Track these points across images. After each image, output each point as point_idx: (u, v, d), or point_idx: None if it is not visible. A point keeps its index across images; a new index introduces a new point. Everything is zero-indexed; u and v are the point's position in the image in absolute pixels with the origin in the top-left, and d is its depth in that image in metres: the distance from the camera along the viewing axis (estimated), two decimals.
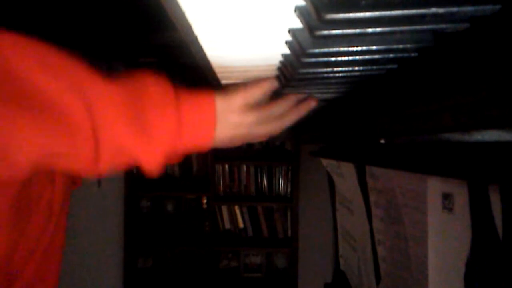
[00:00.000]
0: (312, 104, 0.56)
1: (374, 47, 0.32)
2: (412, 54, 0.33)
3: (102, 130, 0.44)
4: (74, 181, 0.72)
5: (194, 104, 0.49)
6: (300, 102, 0.56)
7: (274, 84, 0.51)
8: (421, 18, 0.26)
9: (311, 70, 0.38)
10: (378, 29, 0.28)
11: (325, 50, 0.32)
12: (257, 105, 0.53)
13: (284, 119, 0.55)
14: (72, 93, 0.42)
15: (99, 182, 2.63)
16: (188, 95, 0.49)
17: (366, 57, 0.34)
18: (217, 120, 0.50)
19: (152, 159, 0.47)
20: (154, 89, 0.47)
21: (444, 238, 0.57)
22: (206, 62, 0.45)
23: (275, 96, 0.55)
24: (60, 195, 0.61)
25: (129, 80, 0.47)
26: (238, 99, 0.51)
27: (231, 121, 0.52)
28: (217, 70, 0.50)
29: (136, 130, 0.45)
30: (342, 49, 0.32)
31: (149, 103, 0.47)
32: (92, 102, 0.43)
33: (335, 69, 0.37)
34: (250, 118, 0.52)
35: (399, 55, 0.33)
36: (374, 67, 0.37)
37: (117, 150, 0.45)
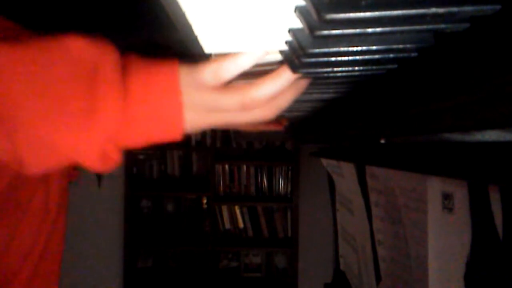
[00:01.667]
0: (304, 81, 0.43)
1: (374, 47, 0.32)
2: (412, 54, 0.33)
3: (8, 116, 0.34)
4: (69, 173, 0.67)
5: (148, 77, 0.37)
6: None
7: (255, 59, 0.38)
8: (421, 18, 0.26)
9: (311, 70, 0.38)
10: (378, 29, 0.28)
11: (325, 50, 0.32)
12: (237, 86, 0.40)
13: (276, 103, 0.42)
14: None
15: (99, 182, 2.63)
16: (140, 65, 0.38)
17: (366, 57, 0.34)
18: (184, 99, 0.38)
19: (85, 152, 0.36)
20: (83, 55, 0.35)
21: (444, 238, 0.57)
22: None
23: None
24: (56, 193, 0.59)
25: (44, 44, 0.35)
26: (207, 75, 0.38)
27: (201, 102, 0.39)
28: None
29: (53, 111, 0.34)
30: (342, 49, 0.32)
31: (74, 75, 0.35)
32: None
33: (335, 69, 0.37)
34: (226, 101, 0.39)
35: (399, 55, 0.33)
36: (374, 67, 0.37)
37: (36, 142, 0.35)
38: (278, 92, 0.40)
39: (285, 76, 0.39)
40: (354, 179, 0.97)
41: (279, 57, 0.39)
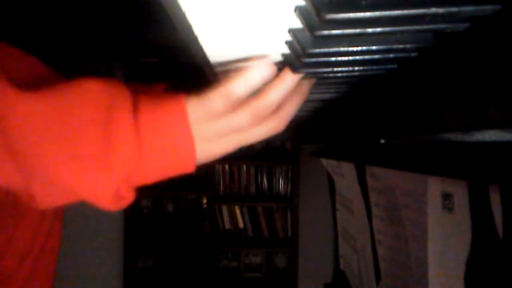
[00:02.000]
0: (311, 80, 0.42)
1: (374, 47, 0.32)
2: (412, 54, 0.33)
3: (23, 159, 0.34)
4: None
5: (158, 116, 0.37)
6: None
7: (265, 76, 0.38)
8: (421, 18, 0.26)
9: (311, 70, 0.38)
10: (378, 29, 0.28)
11: (325, 50, 0.32)
12: (245, 100, 0.39)
13: (286, 108, 0.42)
14: None
15: None
16: (149, 105, 0.38)
17: (366, 57, 0.34)
18: (195, 132, 0.39)
19: (99, 193, 0.37)
20: (98, 100, 0.36)
21: (444, 238, 0.57)
22: (206, 62, 0.45)
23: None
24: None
25: (57, 88, 0.36)
26: (217, 101, 0.38)
27: (214, 130, 0.40)
28: (217, 70, 0.50)
29: (69, 156, 0.35)
30: (342, 49, 0.32)
31: (89, 119, 0.35)
32: (2, 123, 0.33)
33: (335, 69, 0.37)
34: (238, 119, 0.39)
35: (399, 55, 0.33)
36: (374, 67, 0.37)
37: (50, 184, 0.36)
38: (284, 96, 0.40)
39: (288, 79, 0.39)
40: (354, 179, 0.97)
41: (279, 57, 0.39)
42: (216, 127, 0.40)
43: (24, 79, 0.38)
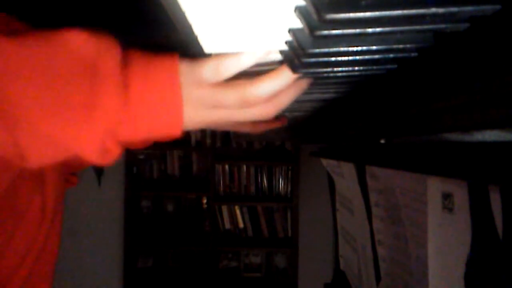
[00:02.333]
0: (306, 80, 0.42)
1: (374, 47, 0.32)
2: (412, 54, 0.33)
3: (8, 111, 0.34)
4: (67, 179, 0.68)
5: (149, 72, 0.37)
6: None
7: (256, 58, 0.38)
8: (421, 18, 0.26)
9: (311, 70, 0.38)
10: (378, 29, 0.28)
11: (325, 50, 0.32)
12: (237, 83, 0.39)
13: (276, 101, 0.41)
14: None
15: (99, 181, 2.63)
16: (141, 60, 0.37)
17: (366, 57, 0.34)
18: (184, 95, 0.38)
19: (85, 145, 0.36)
20: (85, 49, 0.35)
21: (444, 238, 0.57)
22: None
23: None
24: (52, 200, 0.58)
25: (45, 37, 0.35)
26: (208, 72, 0.38)
27: (201, 98, 0.39)
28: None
29: (54, 106, 0.34)
30: (342, 49, 0.32)
31: (76, 68, 0.34)
32: None
33: (335, 69, 0.37)
34: (226, 97, 0.39)
35: (399, 55, 0.33)
36: (374, 67, 0.37)
37: (37, 136, 0.35)
38: (277, 91, 0.40)
39: (285, 75, 0.39)
40: (354, 179, 0.97)
41: (279, 57, 0.39)
42: (204, 96, 0.39)
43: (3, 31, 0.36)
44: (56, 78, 0.34)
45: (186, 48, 0.38)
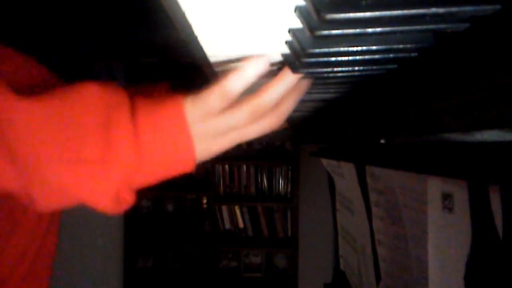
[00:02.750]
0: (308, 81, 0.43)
1: (374, 47, 0.32)
2: (412, 54, 0.33)
3: (22, 161, 0.35)
4: None
5: (156, 118, 0.38)
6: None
7: (259, 70, 0.38)
8: (421, 18, 0.26)
9: (311, 70, 0.38)
10: (378, 29, 0.28)
11: (325, 50, 0.32)
12: (243, 98, 0.40)
13: (283, 107, 0.42)
14: None
15: None
16: (147, 107, 0.38)
17: (366, 57, 0.34)
18: (193, 132, 0.39)
19: (98, 197, 0.37)
20: (97, 105, 0.36)
21: (444, 238, 0.57)
22: (206, 62, 0.45)
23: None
24: None
25: (57, 93, 0.36)
26: (214, 100, 0.39)
27: (212, 129, 0.40)
28: (217, 70, 0.50)
29: (68, 161, 0.35)
30: (342, 49, 0.32)
31: (89, 124, 0.36)
32: (3, 128, 0.34)
33: (335, 69, 0.37)
34: (235, 117, 0.40)
35: (399, 55, 0.33)
36: (374, 67, 0.37)
37: (48, 186, 0.36)
38: (282, 96, 0.41)
39: (287, 79, 0.39)
40: (354, 179, 0.97)
41: (279, 57, 0.39)
42: (214, 126, 0.40)
43: (22, 82, 0.38)
44: (71, 134, 0.35)
45: (186, 48, 0.38)
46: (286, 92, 0.40)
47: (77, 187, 0.36)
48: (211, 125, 0.40)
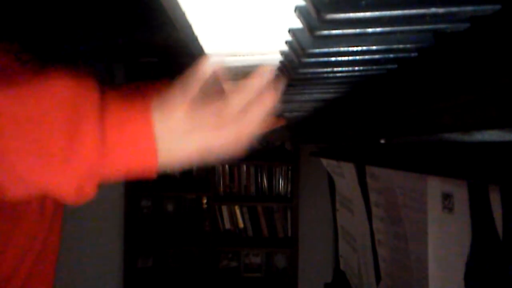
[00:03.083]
0: (279, 88, 0.42)
1: (374, 47, 0.32)
2: (412, 54, 0.33)
3: None
4: None
5: (123, 115, 0.39)
6: (267, 87, 0.42)
7: (213, 67, 0.39)
8: (421, 18, 0.26)
9: (311, 70, 0.38)
10: (378, 29, 0.28)
11: (325, 50, 0.32)
12: (209, 102, 0.40)
13: (248, 116, 0.41)
14: None
15: None
16: (116, 106, 0.39)
17: (366, 57, 0.34)
18: (158, 132, 0.39)
19: (62, 188, 0.38)
20: (65, 100, 0.37)
21: (444, 238, 0.57)
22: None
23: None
24: (50, 200, 0.59)
25: (28, 83, 0.37)
26: (176, 93, 0.40)
27: (176, 127, 0.40)
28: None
29: (35, 152, 0.36)
30: (342, 49, 0.32)
31: (56, 118, 0.36)
32: None
33: (335, 69, 0.37)
34: (200, 116, 0.40)
35: (399, 55, 0.33)
36: (374, 67, 0.37)
37: (16, 179, 0.37)
38: (245, 102, 0.41)
39: (248, 87, 0.40)
40: (354, 179, 0.97)
41: (279, 57, 0.39)
42: (179, 121, 0.40)
43: None
44: (38, 128, 0.36)
45: (186, 48, 0.38)
46: (249, 98, 0.41)
47: (41, 178, 0.37)
48: (175, 121, 0.40)
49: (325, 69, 0.37)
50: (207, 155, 0.42)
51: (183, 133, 0.40)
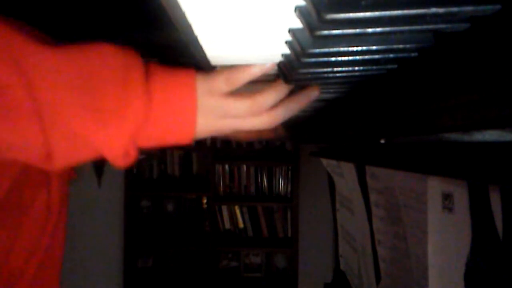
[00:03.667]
0: (314, 94, 0.47)
1: (374, 47, 0.32)
2: (412, 54, 0.33)
3: (47, 112, 0.36)
4: (69, 174, 0.69)
5: (168, 83, 0.41)
6: (299, 91, 0.47)
7: (264, 69, 0.42)
8: (421, 18, 0.26)
9: (311, 70, 0.38)
10: (378, 29, 0.28)
11: (325, 50, 0.32)
12: (245, 94, 0.44)
13: (279, 110, 0.46)
14: (3, 60, 0.35)
15: (99, 182, 2.63)
16: (161, 72, 0.41)
17: (366, 57, 0.34)
18: (198, 105, 0.42)
19: (113, 147, 0.39)
20: (115, 61, 0.39)
21: (444, 238, 0.57)
22: (206, 62, 0.45)
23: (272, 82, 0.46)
24: (57, 194, 0.59)
25: (80, 48, 0.38)
26: (221, 82, 0.42)
27: (214, 108, 0.43)
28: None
29: (89, 109, 0.38)
30: (342, 49, 0.32)
31: (108, 77, 0.38)
32: (30, 76, 0.35)
33: (335, 69, 0.37)
34: (236, 106, 0.44)
35: (399, 55, 0.33)
36: (374, 67, 0.37)
37: (70, 136, 0.38)
38: (278, 101, 0.45)
39: (281, 89, 0.44)
40: (354, 179, 0.97)
41: (279, 57, 0.39)
42: (216, 105, 0.43)
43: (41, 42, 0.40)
44: (91, 85, 0.38)
45: (186, 48, 0.38)
46: (280, 98, 0.45)
47: (94, 133, 0.38)
48: (213, 103, 0.43)
49: (325, 69, 0.37)
50: (233, 133, 0.47)
51: (218, 114, 0.44)
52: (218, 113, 0.44)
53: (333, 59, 0.35)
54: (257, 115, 0.45)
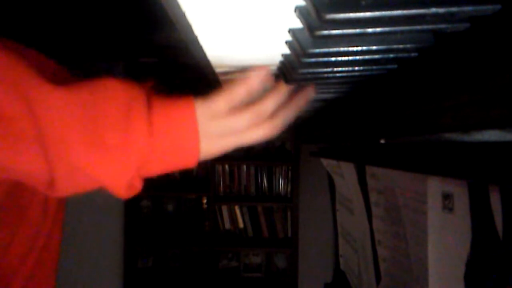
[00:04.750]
0: (310, 93, 0.48)
1: (374, 47, 0.32)
2: (412, 54, 0.33)
3: (52, 145, 0.38)
4: None
5: (169, 113, 0.42)
6: (296, 92, 0.48)
7: (261, 77, 0.43)
8: (421, 18, 0.26)
9: (311, 70, 0.38)
10: (378, 29, 0.28)
11: (325, 50, 0.32)
12: (245, 105, 0.45)
13: (280, 116, 0.46)
14: (13, 94, 0.36)
15: None
16: (161, 103, 0.42)
17: (366, 57, 0.34)
18: (200, 131, 0.43)
19: (117, 181, 0.40)
20: (118, 95, 0.40)
21: (444, 238, 0.57)
22: (206, 62, 0.45)
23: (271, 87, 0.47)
24: (54, 197, 0.60)
25: (85, 84, 0.40)
26: (221, 103, 0.43)
27: (216, 130, 0.44)
28: (217, 70, 0.50)
29: (93, 145, 0.38)
30: (342, 49, 0.32)
31: (111, 112, 0.39)
32: (37, 110, 0.37)
33: (335, 69, 0.37)
34: (238, 121, 0.44)
35: (399, 55, 0.33)
36: (374, 67, 0.37)
37: (72, 168, 0.39)
38: (279, 105, 0.46)
39: (281, 90, 0.45)
40: (354, 179, 0.97)
41: (279, 57, 0.39)
42: (218, 127, 0.44)
43: (50, 79, 0.41)
44: (95, 120, 0.39)
45: (186, 48, 0.38)
46: (281, 102, 0.46)
47: (98, 169, 0.39)
48: (216, 126, 0.44)
49: (325, 69, 0.37)
50: (238, 146, 0.47)
51: (221, 134, 0.45)
52: (220, 133, 0.45)
53: (333, 59, 0.35)
54: (259, 126, 0.46)
